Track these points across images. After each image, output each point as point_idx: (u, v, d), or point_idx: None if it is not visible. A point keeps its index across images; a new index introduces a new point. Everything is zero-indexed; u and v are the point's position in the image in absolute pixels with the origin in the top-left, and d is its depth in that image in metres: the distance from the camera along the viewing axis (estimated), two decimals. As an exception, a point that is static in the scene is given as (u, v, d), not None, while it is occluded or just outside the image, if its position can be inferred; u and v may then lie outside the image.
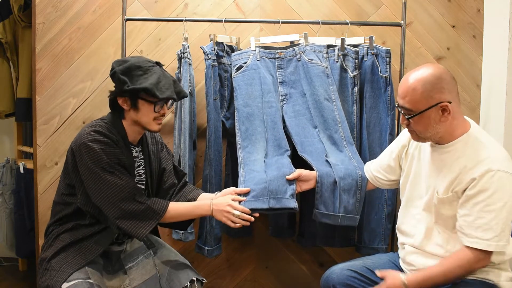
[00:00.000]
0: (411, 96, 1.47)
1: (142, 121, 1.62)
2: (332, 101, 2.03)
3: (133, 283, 1.64)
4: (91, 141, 1.54)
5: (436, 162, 1.57)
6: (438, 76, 1.46)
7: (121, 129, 1.64)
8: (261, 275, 2.50)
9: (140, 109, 1.60)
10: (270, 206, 1.73)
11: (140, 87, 1.55)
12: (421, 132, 1.52)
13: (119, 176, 1.55)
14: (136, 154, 1.70)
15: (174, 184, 1.83)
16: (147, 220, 1.57)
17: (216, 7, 2.39)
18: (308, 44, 2.08)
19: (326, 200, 1.84)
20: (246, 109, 2.00)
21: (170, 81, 1.62)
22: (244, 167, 1.89)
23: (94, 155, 1.53)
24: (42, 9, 2.39)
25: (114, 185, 1.54)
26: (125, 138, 1.65)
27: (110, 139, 1.57)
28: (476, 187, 1.45)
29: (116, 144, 1.59)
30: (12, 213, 2.87)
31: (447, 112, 1.46)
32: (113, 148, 1.57)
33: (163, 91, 1.57)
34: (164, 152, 1.85)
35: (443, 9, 2.39)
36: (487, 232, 1.43)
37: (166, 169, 1.82)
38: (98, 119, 1.67)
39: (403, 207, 1.72)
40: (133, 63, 1.58)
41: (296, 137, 2.00)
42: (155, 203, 1.60)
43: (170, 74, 1.65)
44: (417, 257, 1.62)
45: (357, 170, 1.87)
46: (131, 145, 1.68)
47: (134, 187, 1.58)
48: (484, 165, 1.45)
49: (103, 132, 1.57)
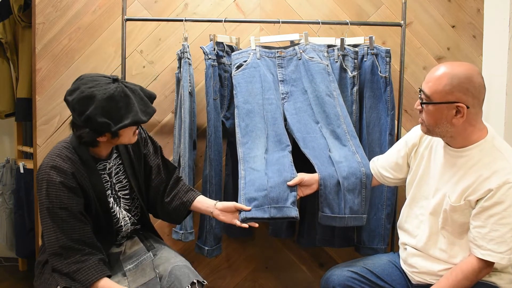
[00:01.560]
0: (434, 83, 1.45)
1: (122, 142, 1.57)
2: (334, 97, 2.00)
3: (133, 285, 1.61)
4: (42, 179, 1.48)
5: (448, 165, 1.54)
6: (469, 77, 1.42)
7: (84, 152, 1.55)
8: (261, 275, 2.50)
9: (121, 135, 1.53)
10: (271, 216, 1.70)
11: (128, 123, 1.45)
12: (430, 125, 1.49)
13: (53, 228, 1.47)
14: (111, 165, 1.65)
15: (163, 180, 1.77)
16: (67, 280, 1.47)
17: (216, 7, 2.39)
18: (309, 44, 2.08)
19: (331, 202, 1.79)
20: (246, 106, 1.97)
21: (141, 95, 1.51)
22: (244, 164, 1.86)
23: (41, 194, 1.48)
24: (42, 9, 2.39)
25: (48, 233, 1.49)
26: (90, 159, 1.56)
27: (65, 174, 1.48)
28: (492, 198, 1.42)
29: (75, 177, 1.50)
30: (12, 213, 2.87)
31: (460, 115, 1.43)
32: (61, 191, 1.47)
33: (146, 112, 1.50)
34: (149, 148, 1.76)
35: (443, 9, 2.39)
36: (501, 245, 1.42)
37: (153, 167, 1.75)
38: (62, 142, 1.57)
39: (407, 206, 1.70)
40: (102, 97, 1.42)
41: (297, 134, 1.96)
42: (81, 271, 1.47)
43: (132, 85, 1.52)
44: (419, 260, 1.61)
45: (361, 168, 1.83)
46: (101, 161, 1.62)
47: (66, 245, 1.47)
48: (501, 176, 1.42)
49: (60, 167, 1.48)
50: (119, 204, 1.68)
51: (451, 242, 1.54)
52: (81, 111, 1.43)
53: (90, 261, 1.49)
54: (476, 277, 1.47)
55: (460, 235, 1.52)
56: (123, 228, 1.68)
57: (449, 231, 1.54)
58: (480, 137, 1.48)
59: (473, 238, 1.47)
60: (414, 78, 2.40)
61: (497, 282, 1.52)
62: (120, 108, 1.45)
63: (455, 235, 1.53)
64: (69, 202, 1.49)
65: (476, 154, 1.48)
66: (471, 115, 1.44)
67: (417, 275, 1.62)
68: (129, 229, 1.73)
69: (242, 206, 1.71)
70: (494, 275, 1.52)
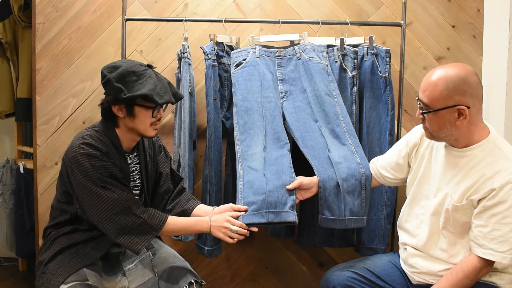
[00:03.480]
0: (431, 91, 1.44)
1: (138, 128, 1.59)
2: (333, 96, 1.99)
3: (132, 284, 1.63)
4: (81, 154, 1.50)
5: (450, 166, 1.54)
6: (463, 78, 1.41)
7: (114, 138, 1.60)
8: (261, 275, 2.50)
9: (136, 115, 1.56)
10: (269, 221, 1.68)
11: (138, 94, 1.50)
12: (434, 131, 1.49)
13: (112, 190, 1.52)
14: (131, 161, 1.68)
15: (170, 189, 1.81)
16: (143, 234, 1.54)
17: (216, 7, 2.39)
18: (308, 44, 2.08)
19: (331, 205, 1.78)
20: (244, 104, 1.96)
21: (165, 84, 1.58)
22: (242, 162, 1.84)
23: (84, 170, 1.50)
24: (42, 9, 2.39)
25: (108, 200, 1.51)
26: (119, 146, 1.61)
27: (100, 151, 1.53)
28: (495, 198, 1.42)
29: (108, 155, 1.55)
30: (12, 213, 2.87)
31: (463, 117, 1.43)
32: (103, 161, 1.52)
33: (161, 95, 1.53)
34: (162, 156, 1.82)
35: (443, 9, 2.39)
36: (502, 245, 1.42)
37: (162, 174, 1.79)
38: (90, 127, 1.62)
39: (407, 205, 1.70)
40: (126, 68, 1.53)
41: (296, 133, 1.94)
42: (152, 217, 1.57)
43: (163, 76, 1.62)
44: (419, 260, 1.61)
45: (360, 169, 1.82)
46: (126, 153, 1.65)
47: (129, 199, 1.54)
48: (504, 175, 1.42)
49: (93, 144, 1.53)
50: None
51: (452, 242, 1.54)
52: (104, 76, 1.53)
53: (151, 209, 1.60)
54: (477, 276, 1.47)
55: (462, 235, 1.52)
56: None
57: (450, 231, 1.54)
58: (482, 137, 1.48)
59: (474, 237, 1.47)
60: (414, 78, 2.40)
61: (498, 282, 1.52)
62: (137, 81, 1.52)
63: (457, 235, 1.53)
64: (113, 171, 1.55)
65: (478, 154, 1.48)
66: (473, 114, 1.44)
67: (417, 275, 1.62)
68: None
69: (238, 206, 1.71)
70: (495, 275, 1.52)
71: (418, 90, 2.36)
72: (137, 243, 1.53)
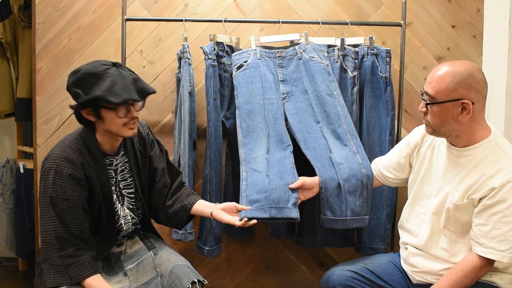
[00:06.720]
0: (437, 83, 1.44)
1: (111, 129, 1.54)
2: (335, 97, 2.00)
3: (133, 284, 1.62)
4: (50, 168, 1.49)
5: (452, 165, 1.54)
6: (471, 73, 1.42)
7: (92, 144, 1.56)
8: (261, 275, 2.50)
9: (104, 118, 1.51)
10: (271, 216, 1.70)
11: (91, 97, 1.44)
12: (436, 125, 1.49)
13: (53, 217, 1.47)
14: (117, 162, 1.66)
15: (167, 184, 1.78)
16: (59, 276, 1.47)
17: (216, 7, 2.39)
18: (309, 43, 2.08)
19: (332, 205, 1.79)
20: (247, 107, 1.97)
21: (128, 80, 1.49)
22: (245, 165, 1.86)
23: (46, 182, 1.49)
24: (42, 9, 2.39)
25: (46, 221, 1.48)
26: (98, 152, 1.57)
27: (74, 166, 1.50)
28: (495, 197, 1.42)
29: (83, 168, 1.51)
30: (12, 213, 2.87)
31: (466, 112, 1.43)
32: (68, 183, 1.48)
33: (118, 94, 1.45)
34: (156, 150, 1.78)
35: (443, 9, 2.39)
36: (502, 243, 1.42)
37: (157, 169, 1.76)
38: (74, 132, 1.59)
39: (409, 205, 1.70)
40: (86, 71, 1.48)
41: (298, 134, 1.95)
42: (74, 267, 1.47)
43: (131, 72, 1.53)
44: (420, 259, 1.61)
45: (362, 169, 1.82)
46: (109, 156, 1.63)
47: (61, 237, 1.47)
48: (505, 174, 1.42)
49: (70, 158, 1.50)
50: (122, 202, 1.68)
51: (453, 241, 1.54)
52: (67, 82, 1.52)
53: (83, 256, 1.49)
54: (477, 275, 1.47)
55: (463, 234, 1.53)
56: (124, 226, 1.68)
57: (451, 230, 1.54)
58: (483, 136, 1.49)
59: (474, 235, 1.47)
60: (414, 78, 2.40)
61: (498, 282, 1.52)
62: (96, 83, 1.46)
63: (457, 234, 1.53)
64: (73, 195, 1.50)
65: (479, 153, 1.48)
66: (476, 111, 1.44)
67: (418, 275, 1.62)
68: (130, 229, 1.73)
69: (242, 206, 1.72)
70: (495, 275, 1.52)
71: (418, 90, 2.39)
72: (51, 278, 1.47)
